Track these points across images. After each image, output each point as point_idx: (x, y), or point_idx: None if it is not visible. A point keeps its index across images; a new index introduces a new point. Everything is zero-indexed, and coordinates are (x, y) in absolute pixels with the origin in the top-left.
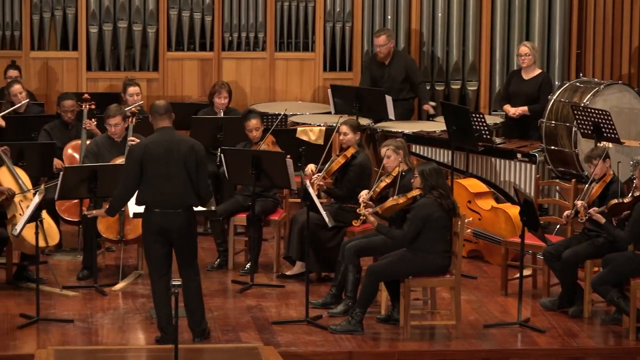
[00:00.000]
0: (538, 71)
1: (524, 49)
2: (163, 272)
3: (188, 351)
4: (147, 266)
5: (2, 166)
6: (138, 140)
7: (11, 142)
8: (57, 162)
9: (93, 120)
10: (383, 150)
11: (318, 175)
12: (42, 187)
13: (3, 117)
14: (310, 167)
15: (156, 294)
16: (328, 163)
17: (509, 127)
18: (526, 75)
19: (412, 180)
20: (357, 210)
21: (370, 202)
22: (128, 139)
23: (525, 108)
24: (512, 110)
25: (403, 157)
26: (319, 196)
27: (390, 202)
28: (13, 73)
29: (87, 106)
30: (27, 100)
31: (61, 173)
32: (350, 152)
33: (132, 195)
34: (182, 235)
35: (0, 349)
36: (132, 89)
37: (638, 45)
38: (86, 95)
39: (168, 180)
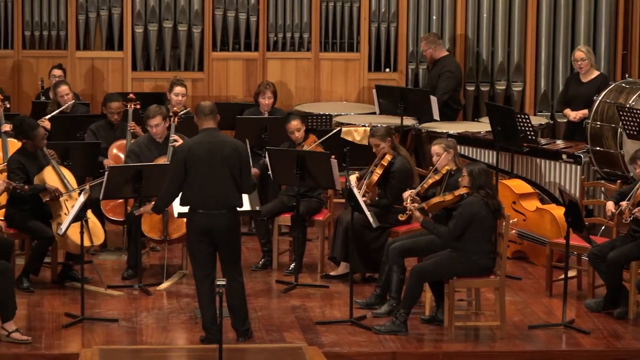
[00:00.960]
0: (596, 73)
1: (579, 53)
2: (207, 272)
3: (232, 351)
4: (191, 266)
5: (47, 166)
6: (180, 140)
7: (57, 142)
8: (107, 162)
9: (138, 127)
10: (434, 148)
11: (359, 192)
12: (87, 186)
13: (50, 118)
14: (354, 177)
15: (201, 294)
16: (367, 175)
17: (570, 130)
18: (584, 78)
19: (460, 179)
20: (404, 204)
21: (416, 197)
22: (170, 137)
23: (586, 111)
24: (573, 114)
25: (453, 157)
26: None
27: (437, 199)
28: (57, 72)
29: (132, 106)
30: (73, 101)
31: (106, 173)
32: (386, 160)
33: (176, 196)
34: (226, 236)
35: (45, 348)
36: (178, 89)
37: None
38: (131, 95)
39: (212, 181)
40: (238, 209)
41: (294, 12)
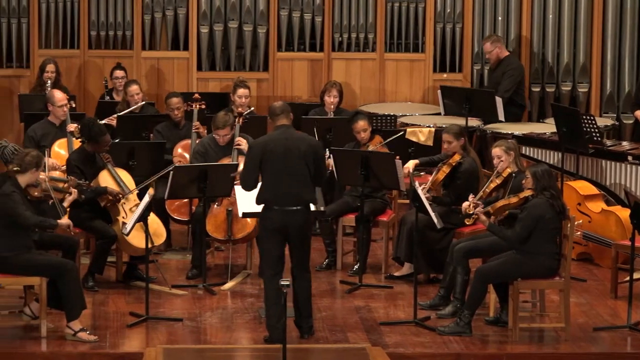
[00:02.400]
0: None
1: None
2: (277, 271)
3: (296, 351)
4: (259, 265)
5: (103, 169)
6: (244, 143)
7: (123, 141)
8: (178, 158)
9: (203, 127)
10: (494, 151)
11: (423, 188)
12: (151, 188)
13: (120, 117)
14: (412, 163)
15: (268, 293)
16: (434, 173)
17: (638, 132)
18: None
19: (524, 182)
20: (465, 210)
21: (479, 202)
22: (235, 140)
23: None
24: None
25: (514, 159)
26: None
27: (501, 202)
28: (119, 73)
29: (198, 106)
30: (144, 101)
31: (171, 173)
32: (455, 159)
33: (253, 187)
34: (299, 233)
35: (110, 347)
36: (241, 91)
37: None
38: (196, 95)
39: (287, 177)
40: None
41: (359, 12)
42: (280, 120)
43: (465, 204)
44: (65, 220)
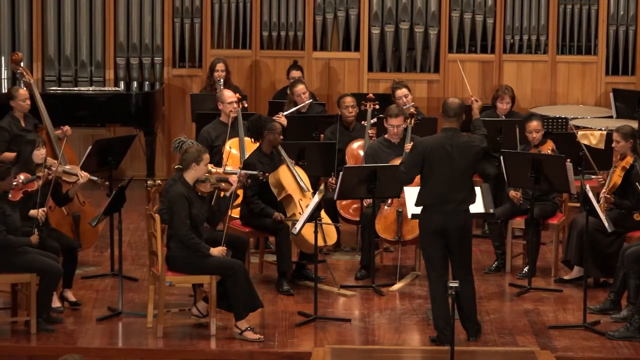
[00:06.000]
0: None
1: None
2: (441, 273)
3: (464, 353)
4: (424, 267)
5: (282, 164)
6: None
7: (293, 141)
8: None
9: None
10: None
11: (607, 197)
12: (322, 187)
13: (286, 116)
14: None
15: (434, 295)
16: (608, 178)
17: None
18: None
19: (615, 147)
20: (635, 217)
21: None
22: (405, 145)
23: None
24: None
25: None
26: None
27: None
28: (296, 74)
29: (372, 106)
30: (310, 100)
31: (341, 173)
32: (627, 162)
33: (409, 182)
34: (459, 236)
35: (279, 346)
36: (399, 92)
37: None
38: (370, 95)
39: (448, 180)
40: (472, 211)
41: (531, 14)
42: (450, 123)
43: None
44: (217, 251)
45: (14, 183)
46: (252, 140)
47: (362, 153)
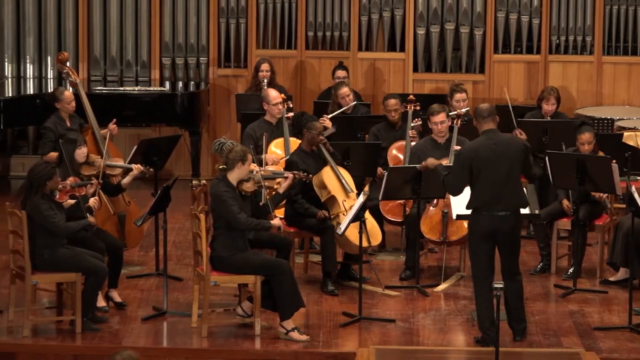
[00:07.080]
0: None
1: None
2: (487, 274)
3: (509, 354)
4: (470, 268)
5: (326, 166)
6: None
7: (338, 142)
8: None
9: (417, 120)
10: None
11: None
12: (367, 188)
13: (331, 118)
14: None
15: (480, 296)
16: None
17: None
18: None
19: None
20: None
21: None
22: (451, 148)
23: None
24: None
25: None
26: None
27: None
28: (341, 74)
29: (413, 107)
30: (355, 102)
31: (385, 174)
32: None
33: (459, 192)
34: (509, 238)
35: (323, 346)
36: (458, 96)
37: None
38: (411, 97)
39: (498, 182)
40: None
41: (577, 15)
42: (487, 124)
43: None
44: (276, 222)
45: (61, 186)
46: (296, 137)
47: (400, 155)
